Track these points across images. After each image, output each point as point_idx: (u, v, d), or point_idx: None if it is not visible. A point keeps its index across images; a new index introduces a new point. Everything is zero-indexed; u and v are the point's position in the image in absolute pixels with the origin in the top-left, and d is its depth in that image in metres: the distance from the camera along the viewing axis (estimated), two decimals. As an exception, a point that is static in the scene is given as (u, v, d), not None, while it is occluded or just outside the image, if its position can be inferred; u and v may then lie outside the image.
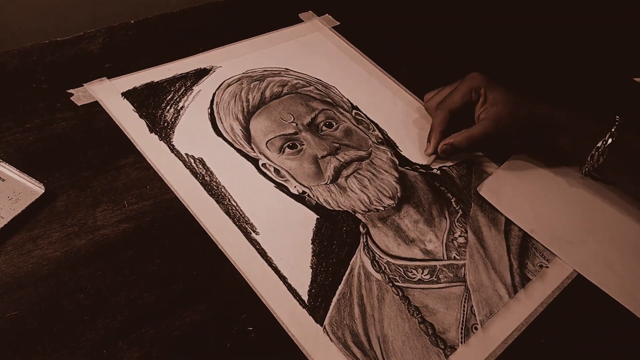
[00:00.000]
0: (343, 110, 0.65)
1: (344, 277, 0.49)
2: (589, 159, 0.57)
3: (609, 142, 0.55)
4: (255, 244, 0.50)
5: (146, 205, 0.51)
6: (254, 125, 0.60)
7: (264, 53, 0.70)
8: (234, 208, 0.52)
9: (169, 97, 0.61)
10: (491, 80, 0.61)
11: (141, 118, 0.58)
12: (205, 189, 0.53)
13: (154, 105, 0.60)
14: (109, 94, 0.60)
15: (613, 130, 0.55)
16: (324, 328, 0.46)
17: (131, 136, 0.56)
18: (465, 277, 0.52)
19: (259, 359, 0.44)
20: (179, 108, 0.60)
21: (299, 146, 0.59)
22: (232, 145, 0.58)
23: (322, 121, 0.63)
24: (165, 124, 0.58)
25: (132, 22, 0.70)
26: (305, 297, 0.47)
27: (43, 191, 0.49)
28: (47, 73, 0.61)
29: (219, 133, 0.59)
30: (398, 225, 0.54)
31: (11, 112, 0.56)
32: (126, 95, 0.60)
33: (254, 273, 0.48)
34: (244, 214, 0.52)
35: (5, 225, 0.46)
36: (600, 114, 0.58)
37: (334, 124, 0.63)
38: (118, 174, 0.53)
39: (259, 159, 0.57)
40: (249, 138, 0.59)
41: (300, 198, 0.55)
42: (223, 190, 0.54)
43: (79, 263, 0.46)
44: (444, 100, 0.62)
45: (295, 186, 0.56)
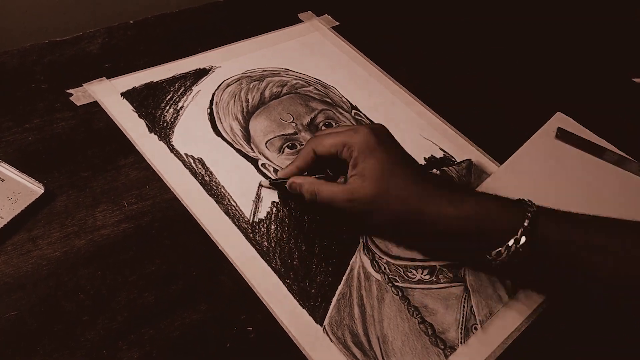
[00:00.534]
0: (342, 111, 0.65)
1: (344, 278, 0.49)
2: (498, 258, 0.46)
3: (522, 242, 0.44)
4: (255, 244, 0.50)
5: (146, 205, 0.51)
6: (253, 125, 0.60)
7: (263, 53, 0.70)
8: (233, 208, 0.52)
9: (169, 97, 0.61)
10: (376, 146, 0.48)
11: (140, 118, 0.58)
12: (204, 189, 0.53)
13: (154, 105, 0.60)
14: (109, 94, 0.60)
15: (526, 224, 0.44)
16: (324, 328, 0.46)
17: (131, 136, 0.56)
18: (464, 278, 0.52)
19: (258, 359, 0.44)
20: (178, 108, 0.60)
21: (298, 146, 0.59)
22: (232, 146, 0.58)
23: (321, 121, 0.63)
24: (165, 124, 0.58)
25: (131, 22, 0.70)
26: (305, 298, 0.47)
27: (43, 191, 0.49)
28: (47, 73, 0.61)
29: (218, 133, 0.59)
30: (398, 226, 0.54)
31: (11, 112, 0.56)
32: (125, 95, 0.60)
33: (254, 273, 0.48)
34: (243, 214, 0.52)
35: (4, 225, 0.46)
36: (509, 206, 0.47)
37: (333, 124, 0.63)
38: (118, 174, 0.53)
39: (258, 159, 0.57)
40: (248, 138, 0.59)
41: (300, 198, 0.55)
42: (223, 190, 0.54)
43: (78, 263, 0.46)
44: (316, 137, 0.53)
45: (294, 186, 0.56)
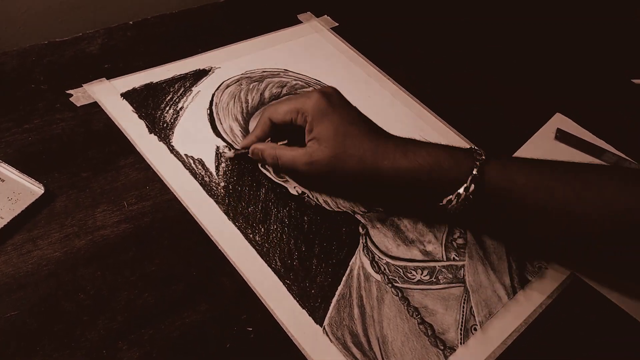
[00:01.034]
0: (342, 112, 0.65)
1: (344, 278, 0.50)
2: (448, 205, 0.48)
3: (471, 189, 0.47)
4: (255, 244, 0.50)
5: (146, 205, 0.51)
6: (253, 125, 0.60)
7: (262, 54, 0.70)
8: (233, 209, 0.52)
9: (168, 97, 0.61)
10: (328, 109, 0.50)
11: (140, 119, 0.58)
12: (204, 189, 0.53)
13: (153, 106, 0.60)
14: (108, 95, 0.60)
15: (475, 172, 0.47)
16: (324, 329, 0.46)
17: (130, 137, 0.56)
18: (464, 278, 0.52)
19: (258, 359, 0.44)
20: (178, 109, 0.60)
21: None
22: (232, 146, 0.58)
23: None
24: (165, 125, 0.58)
25: (131, 22, 0.70)
26: (304, 298, 0.47)
27: (43, 192, 0.49)
28: (46, 74, 0.61)
29: (218, 134, 0.59)
30: (397, 226, 0.55)
31: (10, 113, 0.56)
32: (125, 96, 0.60)
33: (254, 274, 0.48)
34: (243, 214, 0.52)
35: (5, 225, 0.46)
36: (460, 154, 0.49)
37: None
38: (117, 174, 0.53)
39: (258, 159, 0.57)
40: (248, 139, 0.59)
41: (299, 199, 0.55)
42: (222, 191, 0.54)
43: (78, 263, 0.46)
44: (271, 105, 0.55)
45: (294, 187, 0.56)
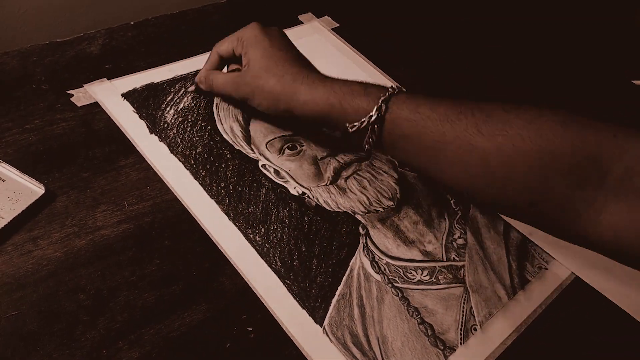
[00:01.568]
0: (342, 112, 0.65)
1: (344, 278, 0.50)
2: (352, 129, 0.50)
3: (373, 117, 0.48)
4: (255, 244, 0.50)
5: (146, 206, 0.51)
6: (253, 126, 0.60)
7: (263, 54, 0.70)
8: (233, 209, 0.52)
9: (169, 98, 0.61)
10: (263, 37, 0.55)
11: (141, 119, 0.58)
12: (205, 189, 0.53)
13: (154, 106, 0.60)
14: (109, 95, 0.60)
15: (380, 103, 0.48)
16: (324, 329, 0.46)
17: (131, 137, 0.56)
18: (464, 278, 0.52)
19: (258, 359, 0.44)
20: (179, 109, 0.60)
21: (298, 147, 0.59)
22: (232, 147, 0.58)
23: (321, 122, 0.63)
24: (166, 125, 0.58)
25: (131, 23, 0.70)
26: (304, 298, 0.47)
27: (43, 192, 0.49)
28: (47, 74, 0.61)
29: (219, 134, 0.59)
30: (397, 227, 0.55)
31: (11, 113, 0.56)
32: (126, 96, 0.60)
33: (254, 274, 0.48)
34: (243, 214, 0.52)
35: (5, 225, 0.46)
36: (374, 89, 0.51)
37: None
38: (118, 174, 0.53)
39: (258, 160, 0.57)
40: (249, 139, 0.59)
41: (299, 199, 0.55)
42: (223, 191, 0.54)
43: (79, 263, 0.46)
44: (220, 41, 0.59)
45: (295, 187, 0.56)
